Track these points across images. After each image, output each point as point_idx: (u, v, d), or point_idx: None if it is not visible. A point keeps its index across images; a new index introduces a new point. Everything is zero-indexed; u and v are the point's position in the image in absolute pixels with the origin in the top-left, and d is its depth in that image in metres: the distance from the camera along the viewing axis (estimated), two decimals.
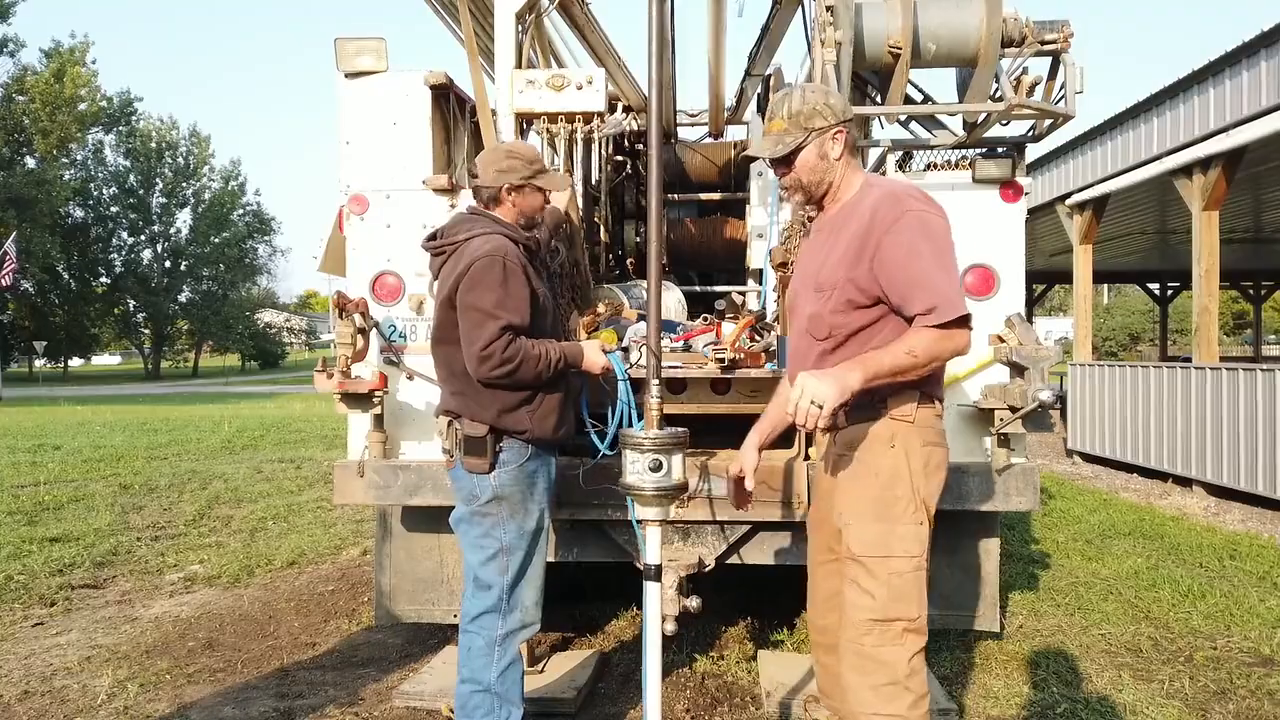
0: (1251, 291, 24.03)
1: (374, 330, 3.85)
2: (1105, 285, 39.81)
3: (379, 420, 3.82)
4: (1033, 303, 22.02)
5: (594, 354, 3.16)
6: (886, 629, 2.38)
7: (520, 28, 4.16)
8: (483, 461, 2.98)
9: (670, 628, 2.98)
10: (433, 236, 3.16)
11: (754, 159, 2.53)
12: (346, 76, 3.99)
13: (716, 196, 6.02)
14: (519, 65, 4.11)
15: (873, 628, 2.38)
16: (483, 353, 2.87)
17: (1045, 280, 21.99)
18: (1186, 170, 9.27)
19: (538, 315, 3.04)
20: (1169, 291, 23.31)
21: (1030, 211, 3.86)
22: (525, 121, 4.15)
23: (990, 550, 4.01)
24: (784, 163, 2.51)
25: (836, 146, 2.49)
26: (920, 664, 2.42)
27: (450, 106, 4.15)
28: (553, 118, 4.09)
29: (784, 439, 3.17)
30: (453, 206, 3.94)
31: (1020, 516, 7.55)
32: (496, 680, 2.98)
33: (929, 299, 2.30)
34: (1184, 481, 9.63)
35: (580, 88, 4.01)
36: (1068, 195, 12.04)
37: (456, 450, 3.05)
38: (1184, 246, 11.94)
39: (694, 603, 3.57)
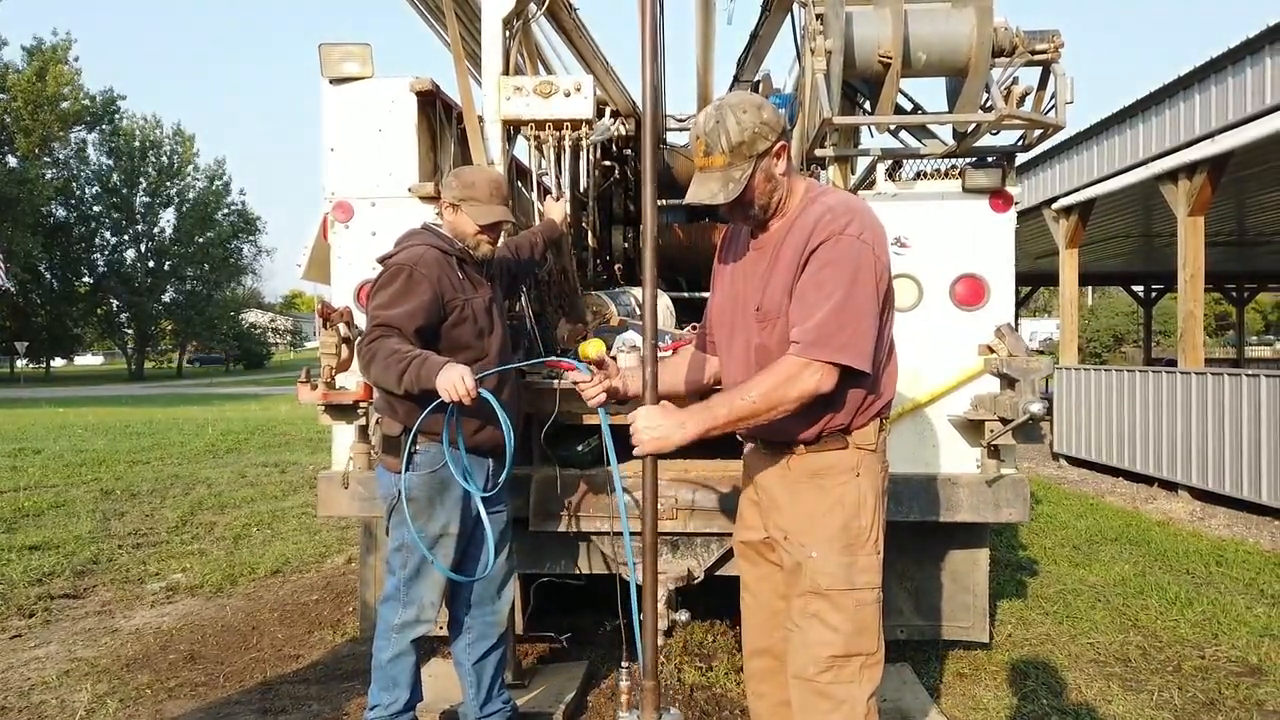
0: (1234, 293, 24.19)
1: (359, 339, 3.79)
2: (1089, 287, 39.99)
3: (364, 431, 3.77)
4: (1019, 304, 22.08)
5: (448, 377, 2.80)
6: (845, 665, 2.33)
7: (508, 33, 4.11)
8: (396, 461, 3.10)
9: (659, 640, 2.95)
10: None
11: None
12: (331, 82, 3.94)
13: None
14: (506, 71, 4.06)
15: (833, 663, 2.33)
16: (357, 347, 3.08)
17: (1030, 283, 22.08)
18: (1172, 175, 9.30)
19: (456, 324, 3.11)
20: (1153, 293, 23.43)
21: (1017, 215, 3.85)
22: (512, 128, 4.10)
23: (980, 561, 3.99)
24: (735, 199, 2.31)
25: (780, 162, 2.35)
26: (875, 705, 2.38)
27: (437, 113, 4.10)
28: (540, 125, 4.04)
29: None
30: (439, 214, 3.89)
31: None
32: (388, 663, 3.17)
33: (804, 329, 2.24)
34: (1169, 486, 9.67)
35: (568, 94, 3.96)
36: (1054, 199, 12.07)
37: (376, 449, 3.25)
38: (1168, 249, 11.99)
39: (682, 615, 3.55)
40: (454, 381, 2.80)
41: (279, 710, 3.84)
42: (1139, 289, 23.82)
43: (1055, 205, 12.02)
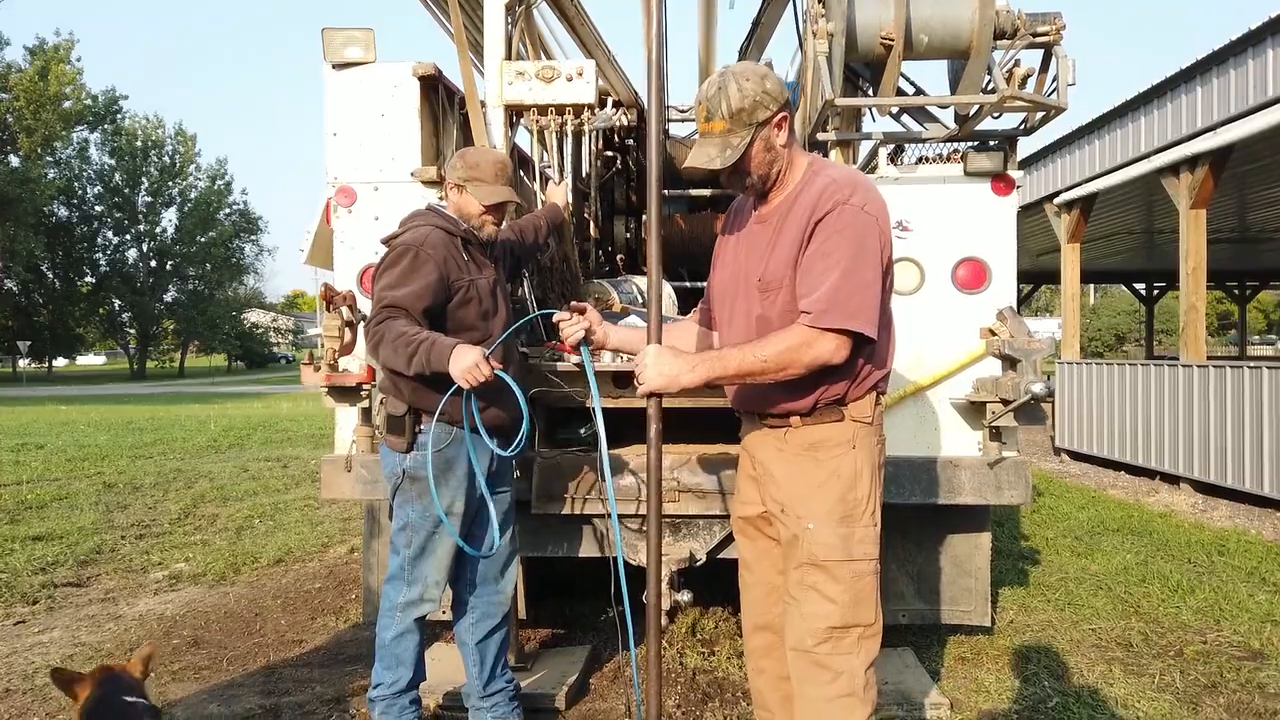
0: (1236, 291, 24.20)
1: (361, 323, 3.81)
2: (1091, 286, 39.95)
3: (366, 414, 3.78)
4: (1020, 303, 22.02)
5: (463, 365, 2.79)
6: (844, 635, 2.34)
7: (509, 20, 4.12)
8: (401, 440, 3.11)
9: (662, 621, 2.96)
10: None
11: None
12: (334, 67, 3.94)
13: (707, 192, 5.99)
14: (509, 58, 4.07)
15: (830, 634, 2.34)
16: (364, 328, 3.12)
17: (1032, 281, 22.06)
18: (1174, 169, 9.30)
19: (461, 305, 3.11)
20: (1155, 291, 23.43)
21: (1018, 211, 3.85)
22: (515, 114, 4.11)
23: (981, 544, 3.99)
24: (732, 165, 2.35)
25: (781, 134, 2.36)
26: (874, 675, 2.39)
27: (439, 98, 4.11)
28: (542, 110, 4.04)
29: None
30: (441, 199, 3.90)
31: (1010, 513, 7.56)
32: (391, 641, 3.17)
33: (814, 299, 2.25)
34: (1171, 479, 9.67)
35: (570, 79, 3.96)
36: (1055, 194, 12.08)
37: (380, 428, 3.28)
38: (1170, 246, 12.01)
39: (685, 596, 3.56)
40: (469, 370, 2.80)
41: (282, 693, 3.85)
42: (1140, 287, 23.83)
43: (1057, 200, 12.02)
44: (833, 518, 2.37)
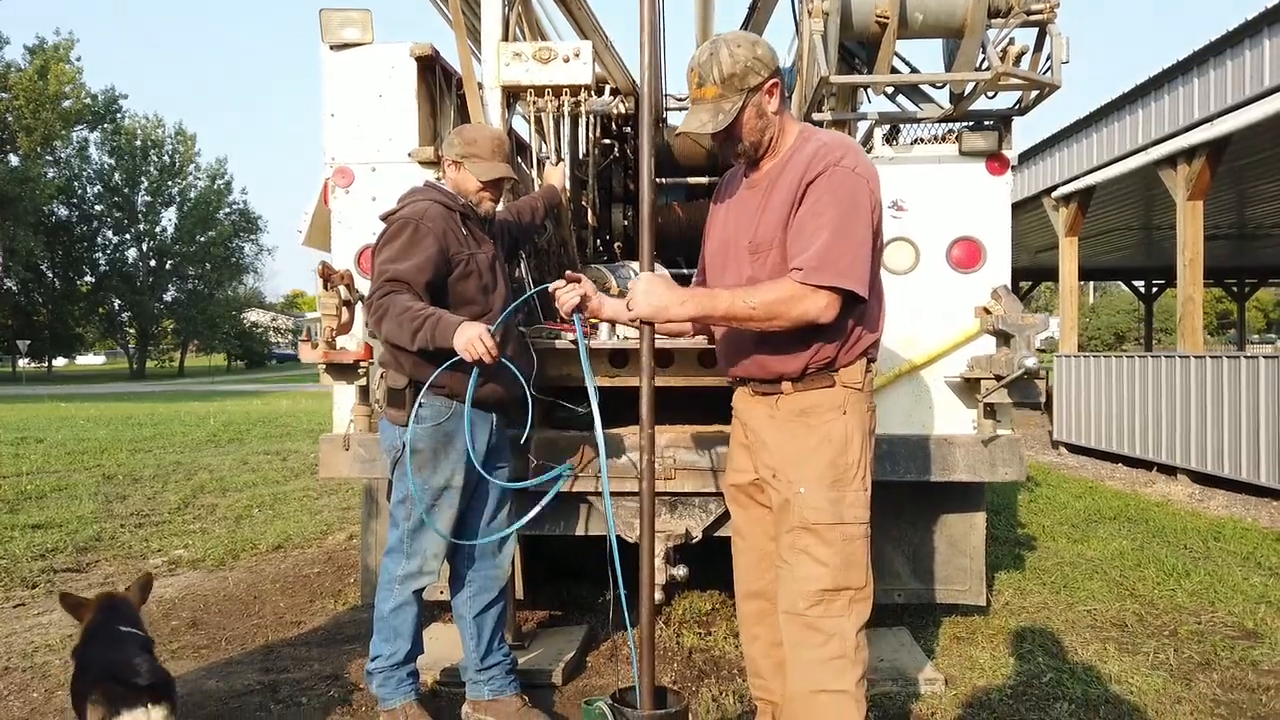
0: (1235, 288, 24.22)
1: (359, 302, 3.82)
2: (1091, 285, 39.96)
3: (364, 392, 3.80)
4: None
5: (466, 337, 2.83)
6: (835, 598, 2.35)
7: (506, 3, 4.13)
8: (401, 414, 3.11)
9: (658, 597, 2.97)
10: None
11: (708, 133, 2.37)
12: (331, 48, 3.96)
13: (704, 180, 6.00)
14: (506, 40, 4.09)
15: (822, 597, 2.35)
16: (366, 302, 3.10)
17: (1031, 278, 22.09)
18: (1171, 160, 9.32)
19: (461, 278, 3.13)
20: (1154, 289, 23.46)
21: (1015, 206, 3.86)
22: (512, 96, 4.13)
23: (976, 524, 4.01)
24: (724, 131, 2.37)
25: (773, 100, 2.38)
26: (864, 639, 2.40)
27: (436, 79, 4.13)
28: (539, 91, 4.06)
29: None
30: (438, 179, 3.92)
31: (1006, 501, 7.59)
32: (390, 613, 3.18)
33: (806, 256, 2.27)
34: (1168, 470, 9.69)
35: (567, 60, 3.97)
36: (1053, 188, 12.10)
37: (380, 401, 3.29)
38: (1169, 243, 12.01)
39: (680, 571, 3.56)
40: (472, 342, 2.82)
41: (280, 670, 3.87)
42: (1140, 285, 23.85)
43: (1055, 194, 12.04)
44: (824, 482, 2.38)
